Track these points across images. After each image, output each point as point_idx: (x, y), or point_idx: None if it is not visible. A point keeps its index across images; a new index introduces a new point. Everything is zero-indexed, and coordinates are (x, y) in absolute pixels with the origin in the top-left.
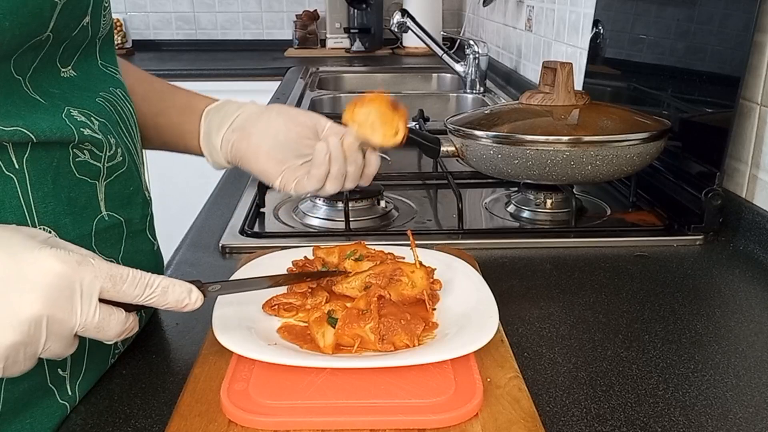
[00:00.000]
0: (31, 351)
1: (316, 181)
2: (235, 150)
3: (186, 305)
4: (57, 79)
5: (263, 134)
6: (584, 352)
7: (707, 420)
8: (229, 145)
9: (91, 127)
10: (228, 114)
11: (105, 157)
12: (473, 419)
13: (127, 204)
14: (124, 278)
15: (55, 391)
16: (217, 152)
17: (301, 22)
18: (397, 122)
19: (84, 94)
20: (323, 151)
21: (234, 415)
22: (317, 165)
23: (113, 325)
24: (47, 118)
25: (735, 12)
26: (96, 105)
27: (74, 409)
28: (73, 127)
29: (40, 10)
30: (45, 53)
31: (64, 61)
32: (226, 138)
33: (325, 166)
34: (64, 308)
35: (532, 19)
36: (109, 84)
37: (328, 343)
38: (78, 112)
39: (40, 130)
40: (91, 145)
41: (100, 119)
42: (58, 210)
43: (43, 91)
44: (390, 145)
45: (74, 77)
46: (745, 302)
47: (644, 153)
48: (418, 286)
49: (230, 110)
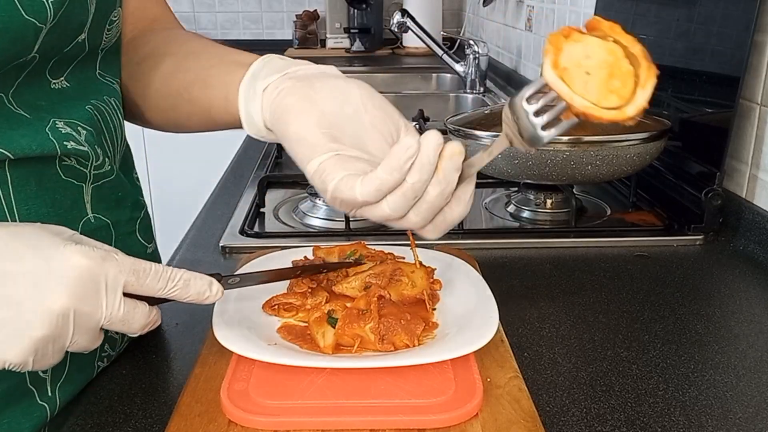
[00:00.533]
0: (60, 344)
1: (375, 189)
2: (280, 101)
3: (207, 297)
4: (45, 91)
5: (328, 95)
6: (584, 352)
7: (707, 420)
8: (276, 92)
9: (77, 139)
10: (289, 64)
11: (91, 166)
12: (473, 419)
13: (114, 207)
14: (147, 272)
15: (35, 392)
16: (257, 106)
17: (301, 22)
18: (637, 83)
19: (74, 104)
20: (407, 149)
21: (234, 415)
22: (389, 167)
23: (138, 317)
24: (28, 134)
25: (735, 12)
26: (85, 113)
27: (74, 409)
28: (55, 142)
29: (22, 36)
30: (32, 69)
31: (54, 73)
32: (275, 84)
33: (399, 172)
34: (91, 302)
35: (532, 19)
36: (103, 93)
37: (328, 343)
38: (64, 123)
39: (19, 147)
40: (75, 157)
41: (87, 128)
42: (41, 212)
43: (28, 105)
44: (609, 120)
45: (66, 88)
46: (745, 302)
47: (644, 153)
48: (418, 286)
49: (294, 63)
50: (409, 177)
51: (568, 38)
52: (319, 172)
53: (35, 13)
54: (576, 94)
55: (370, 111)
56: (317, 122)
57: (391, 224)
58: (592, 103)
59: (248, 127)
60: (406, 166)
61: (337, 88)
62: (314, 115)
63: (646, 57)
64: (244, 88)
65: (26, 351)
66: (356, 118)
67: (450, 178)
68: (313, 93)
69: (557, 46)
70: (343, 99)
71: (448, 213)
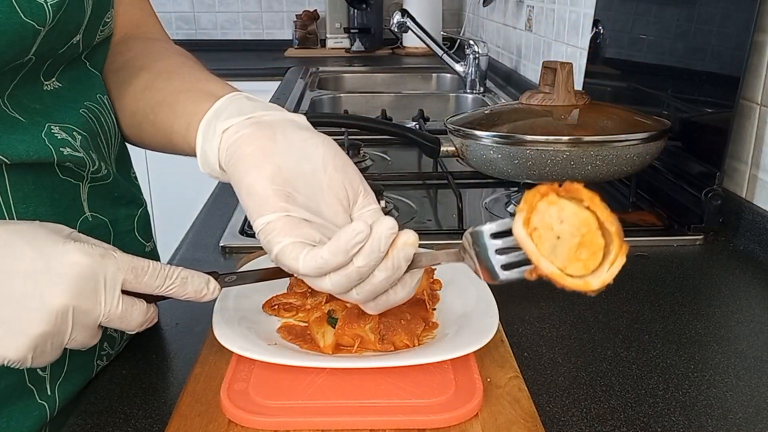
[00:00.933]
0: (58, 341)
1: (317, 267)
2: (237, 147)
3: (204, 295)
4: (39, 94)
5: (288, 149)
6: (584, 352)
7: (707, 420)
8: (235, 137)
9: (72, 145)
10: (256, 107)
11: (88, 171)
12: (473, 419)
13: (111, 205)
14: (146, 270)
15: (34, 391)
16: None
17: (301, 22)
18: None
19: (68, 106)
20: (356, 235)
21: (234, 415)
22: (335, 249)
23: (136, 315)
24: (25, 139)
25: (735, 12)
26: (79, 117)
27: (74, 409)
28: (52, 148)
29: (20, 38)
30: (27, 71)
31: (47, 75)
32: (236, 128)
33: (344, 255)
34: (90, 299)
35: (532, 19)
36: (96, 90)
37: (328, 343)
38: (59, 128)
39: (16, 153)
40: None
41: (82, 133)
42: (40, 210)
43: (23, 108)
44: (571, 289)
45: (59, 88)
46: (745, 302)
47: (644, 153)
48: (419, 286)
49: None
50: (356, 260)
51: (544, 197)
52: (265, 231)
53: (34, 16)
54: (543, 257)
55: (329, 172)
56: (271, 177)
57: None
58: (558, 269)
59: (202, 165)
60: (353, 251)
61: (300, 143)
62: (269, 170)
63: (620, 236)
64: (204, 126)
65: (25, 348)
66: (314, 178)
67: (399, 266)
68: (273, 145)
69: (531, 205)
70: (303, 156)
71: (392, 295)
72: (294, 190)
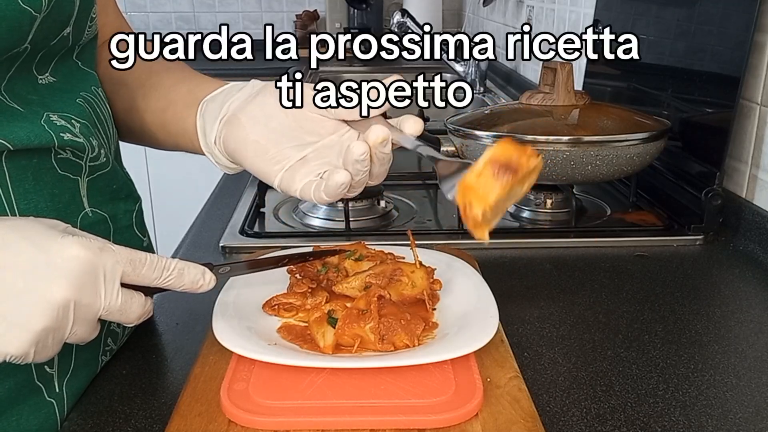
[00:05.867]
0: (59, 336)
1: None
2: (226, 147)
3: (201, 286)
4: (34, 86)
5: (253, 121)
6: (584, 352)
7: (707, 420)
8: (221, 140)
9: (72, 131)
10: (222, 102)
11: (87, 158)
12: (473, 419)
13: (110, 200)
14: (143, 262)
15: (43, 389)
16: (217, 152)
17: (301, 22)
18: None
19: (64, 97)
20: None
21: (234, 415)
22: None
23: (135, 307)
24: (25, 126)
25: (735, 12)
26: (76, 106)
27: (74, 408)
28: (52, 133)
29: (19, 24)
30: (21, 63)
31: (40, 68)
32: (218, 134)
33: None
34: (90, 293)
35: (532, 19)
36: (90, 83)
37: (328, 343)
38: (58, 116)
39: (18, 138)
40: (71, 148)
41: (81, 121)
42: (41, 206)
43: (20, 99)
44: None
45: (53, 82)
46: (745, 302)
47: (644, 153)
48: (418, 286)
49: (225, 97)
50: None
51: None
52: (281, 187)
53: (30, 2)
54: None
55: (288, 111)
56: (256, 153)
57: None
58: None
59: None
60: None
61: (259, 105)
62: (252, 149)
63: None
64: (204, 146)
65: (27, 343)
66: (283, 125)
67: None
68: (242, 130)
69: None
70: (264, 117)
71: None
72: (277, 146)
